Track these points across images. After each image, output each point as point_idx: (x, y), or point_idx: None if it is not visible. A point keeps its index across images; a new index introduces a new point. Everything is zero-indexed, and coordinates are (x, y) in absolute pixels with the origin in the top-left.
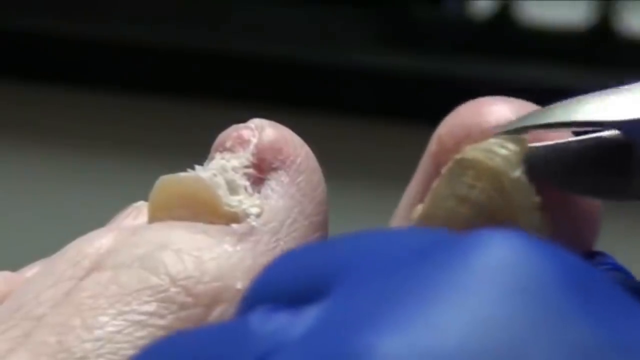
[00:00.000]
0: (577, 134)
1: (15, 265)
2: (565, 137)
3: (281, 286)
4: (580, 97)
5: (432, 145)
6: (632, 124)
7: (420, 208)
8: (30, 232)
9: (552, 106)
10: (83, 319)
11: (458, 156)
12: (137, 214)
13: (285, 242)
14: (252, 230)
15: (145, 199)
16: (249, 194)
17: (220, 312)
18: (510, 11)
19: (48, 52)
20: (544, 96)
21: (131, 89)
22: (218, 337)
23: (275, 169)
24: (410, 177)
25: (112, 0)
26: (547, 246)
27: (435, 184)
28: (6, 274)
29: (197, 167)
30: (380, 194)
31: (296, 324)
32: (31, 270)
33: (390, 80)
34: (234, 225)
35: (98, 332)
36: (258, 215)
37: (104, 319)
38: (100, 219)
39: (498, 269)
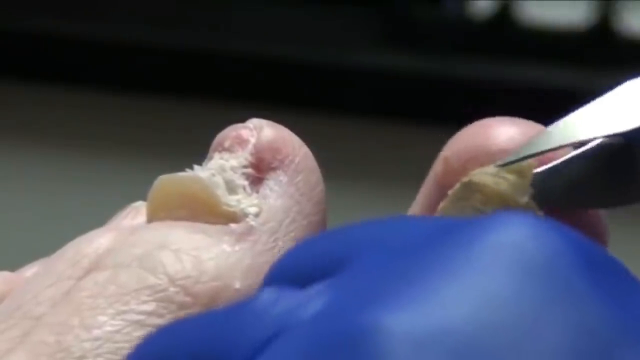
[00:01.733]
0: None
1: (14, 265)
2: (563, 154)
3: (292, 269)
4: (576, 113)
5: (438, 166)
6: (634, 132)
7: None
8: (29, 231)
9: (551, 128)
10: (82, 318)
11: (465, 179)
12: (135, 214)
13: (284, 242)
14: (250, 230)
15: (144, 198)
16: (248, 194)
17: None
18: (510, 11)
19: (48, 52)
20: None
21: (131, 89)
22: (226, 318)
23: (273, 169)
24: (409, 177)
25: (112, 0)
26: (558, 227)
27: (441, 205)
28: (5, 273)
29: (195, 167)
30: (380, 194)
31: (305, 304)
32: (30, 270)
33: (390, 80)
34: (233, 225)
35: (97, 332)
36: (256, 215)
37: (103, 318)
38: (99, 219)
39: (509, 248)
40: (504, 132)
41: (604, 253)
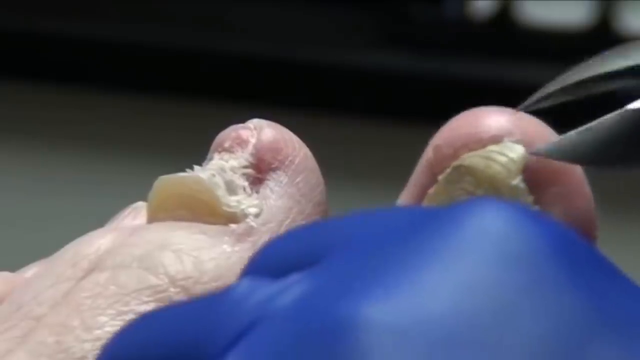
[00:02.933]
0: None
1: (14, 265)
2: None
3: (271, 261)
4: (602, 55)
5: (428, 153)
6: None
7: None
8: (29, 232)
9: (577, 67)
10: (82, 319)
11: (456, 163)
12: (135, 214)
13: None
14: (250, 231)
15: (144, 199)
16: (248, 194)
17: None
18: (510, 11)
19: (48, 52)
20: None
21: (131, 89)
22: (203, 308)
23: (274, 169)
24: (408, 177)
25: (112, 0)
26: (538, 215)
27: (431, 190)
28: (5, 274)
29: (196, 167)
30: (380, 194)
31: (282, 292)
32: (30, 271)
33: (390, 80)
34: (233, 226)
35: (97, 332)
36: (257, 216)
37: (103, 319)
38: (99, 219)
39: (488, 236)
40: (494, 119)
41: (582, 241)
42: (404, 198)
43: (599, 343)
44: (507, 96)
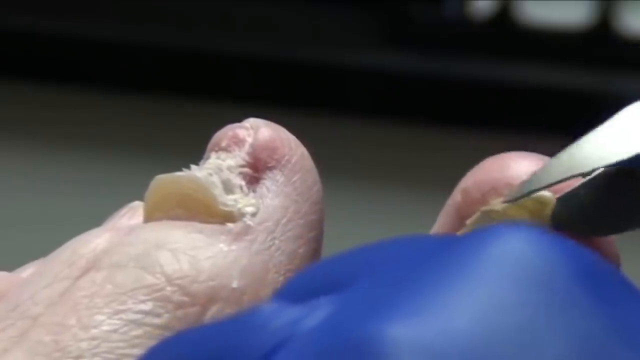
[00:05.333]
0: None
1: (14, 265)
2: (569, 185)
3: (298, 288)
4: (578, 144)
5: (456, 196)
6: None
7: None
8: (29, 232)
9: (554, 161)
10: (79, 318)
11: (485, 208)
12: (132, 213)
13: (281, 241)
14: (247, 230)
15: (141, 198)
16: (245, 193)
17: (216, 311)
18: (510, 11)
19: (48, 52)
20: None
21: (131, 89)
22: (231, 328)
23: (270, 168)
24: (409, 177)
25: (112, 0)
26: (559, 238)
27: (459, 234)
28: (2, 274)
29: (192, 166)
30: (379, 194)
31: (308, 315)
32: (27, 271)
33: (390, 80)
34: (230, 225)
35: (94, 331)
36: (253, 215)
37: (100, 318)
38: (96, 219)
39: (509, 259)
40: (523, 164)
41: (601, 262)
42: None
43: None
44: (507, 96)
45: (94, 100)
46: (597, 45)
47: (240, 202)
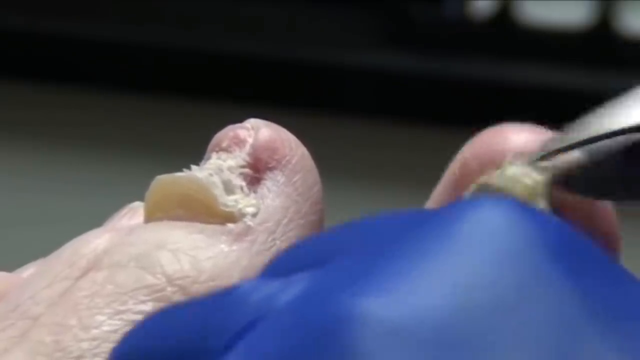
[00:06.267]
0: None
1: (14, 265)
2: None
3: (280, 262)
4: (598, 110)
5: (455, 167)
6: None
7: None
8: (29, 232)
9: (575, 126)
10: (79, 318)
11: (482, 180)
12: (133, 214)
13: (282, 242)
14: (248, 230)
15: (142, 199)
16: (245, 194)
17: None
18: (510, 11)
19: (48, 52)
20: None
21: (131, 89)
22: (210, 305)
23: (271, 169)
24: (409, 177)
25: (112, 0)
26: (537, 212)
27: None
28: (2, 274)
29: (193, 167)
30: (380, 194)
31: (283, 290)
32: (27, 271)
33: (390, 80)
34: (230, 225)
35: (94, 332)
36: (254, 215)
37: (101, 318)
38: (96, 219)
39: (486, 233)
40: (522, 136)
41: (581, 238)
42: (430, 207)
43: (595, 341)
44: (507, 96)
45: (94, 100)
46: (597, 45)
47: (240, 203)
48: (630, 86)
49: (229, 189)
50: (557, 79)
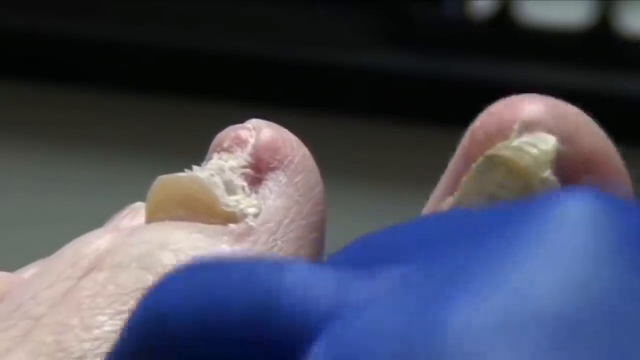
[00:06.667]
0: None
1: (14, 265)
2: None
3: (349, 260)
4: None
5: (465, 139)
6: None
7: (450, 201)
8: (29, 232)
9: None
10: (81, 318)
11: (489, 153)
12: (134, 215)
13: (283, 242)
14: (249, 231)
15: (143, 199)
16: (247, 195)
17: None
18: (510, 11)
19: (48, 52)
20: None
21: (131, 89)
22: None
23: (273, 170)
24: (409, 177)
25: (112, 0)
26: (619, 201)
27: (464, 179)
28: (4, 274)
29: (195, 167)
30: (380, 194)
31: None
32: (29, 271)
33: (390, 80)
34: (232, 226)
35: (96, 332)
36: (256, 216)
37: (103, 318)
38: (98, 220)
39: (579, 228)
40: (533, 107)
41: None
42: (442, 182)
43: None
44: (507, 96)
45: (94, 100)
46: (597, 45)
47: (242, 203)
48: (630, 86)
49: (230, 189)
50: (557, 79)
